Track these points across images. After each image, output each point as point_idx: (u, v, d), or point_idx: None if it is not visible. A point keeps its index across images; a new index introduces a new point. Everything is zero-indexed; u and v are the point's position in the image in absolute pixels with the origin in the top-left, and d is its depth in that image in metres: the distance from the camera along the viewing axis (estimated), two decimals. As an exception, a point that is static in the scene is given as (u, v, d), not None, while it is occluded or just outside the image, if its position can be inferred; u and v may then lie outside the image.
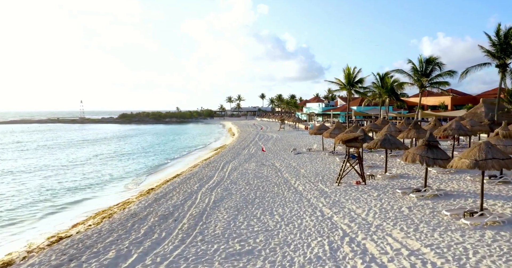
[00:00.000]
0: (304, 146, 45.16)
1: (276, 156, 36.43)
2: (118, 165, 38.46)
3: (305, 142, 50.14)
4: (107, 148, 55.68)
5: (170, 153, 48.87)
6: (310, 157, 34.51)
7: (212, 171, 27.91)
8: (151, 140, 70.86)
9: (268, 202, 18.37)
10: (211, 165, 31.12)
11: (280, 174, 26.09)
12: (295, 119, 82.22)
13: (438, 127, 33.66)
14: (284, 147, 44.14)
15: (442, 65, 30.24)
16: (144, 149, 54.24)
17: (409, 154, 18.76)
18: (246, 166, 30.28)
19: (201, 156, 43.58)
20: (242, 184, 22.86)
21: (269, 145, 47.64)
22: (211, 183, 23.35)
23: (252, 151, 40.99)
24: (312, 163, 31.07)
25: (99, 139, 73.15)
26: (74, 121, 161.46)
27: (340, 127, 37.61)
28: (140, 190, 24.55)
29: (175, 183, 23.85)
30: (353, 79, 44.60)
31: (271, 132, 71.25)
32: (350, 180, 22.94)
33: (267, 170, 27.81)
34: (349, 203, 17.63)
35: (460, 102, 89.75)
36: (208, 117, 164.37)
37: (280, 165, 30.18)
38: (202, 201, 18.64)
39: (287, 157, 35.17)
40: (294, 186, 22.10)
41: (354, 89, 45.24)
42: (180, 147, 57.67)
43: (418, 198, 18.18)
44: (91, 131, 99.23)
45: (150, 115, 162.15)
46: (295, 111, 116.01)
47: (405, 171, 25.64)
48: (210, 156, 38.98)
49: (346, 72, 44.20)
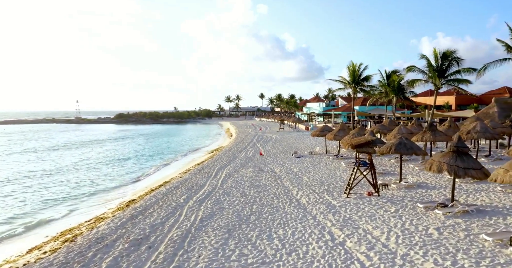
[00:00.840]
0: (305, 148, 42.19)
1: (276, 160, 33.46)
2: (104, 172, 35.22)
3: (306, 143, 47.16)
4: (96, 152, 52.26)
5: (163, 156, 45.81)
6: (312, 161, 31.55)
7: (203, 178, 24.90)
8: (145, 142, 67.21)
9: (266, 219, 15.39)
10: (204, 171, 28.12)
11: (280, 182, 23.11)
12: (295, 119, 79.20)
13: (454, 129, 30.74)
14: (284, 150, 41.17)
15: (460, 61, 27.20)
16: (137, 152, 51.10)
17: (433, 163, 15.80)
18: (242, 172, 27.29)
19: (195, 159, 40.58)
20: (236, 195, 19.88)
21: (268, 147, 44.67)
22: (201, 193, 20.34)
23: (249, 154, 38.00)
24: (315, 168, 28.10)
25: (90, 141, 69.53)
26: (69, 121, 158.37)
27: (344, 129, 34.68)
28: (122, 200, 21.53)
29: (159, 193, 20.83)
30: (359, 76, 41.56)
31: (270, 133, 68.27)
32: (361, 190, 19.98)
33: (265, 177, 24.84)
34: (363, 222, 14.66)
35: (464, 102, 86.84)
36: (207, 118, 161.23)
37: (280, 171, 27.22)
38: (187, 218, 15.64)
39: (287, 161, 32.20)
40: (297, 197, 19.13)
41: (359, 87, 42.21)
42: (174, 149, 54.60)
43: (446, 215, 15.21)
44: (85, 132, 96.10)
45: (147, 115, 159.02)
46: (295, 111, 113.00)
47: (421, 179, 22.66)
48: (204, 160, 35.98)
49: (350, 69, 41.12)
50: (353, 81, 41.91)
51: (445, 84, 28.75)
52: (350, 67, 41.55)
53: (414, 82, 30.72)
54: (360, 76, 42.10)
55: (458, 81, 28.50)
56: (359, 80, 41.97)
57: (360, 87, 42.51)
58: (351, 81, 42.07)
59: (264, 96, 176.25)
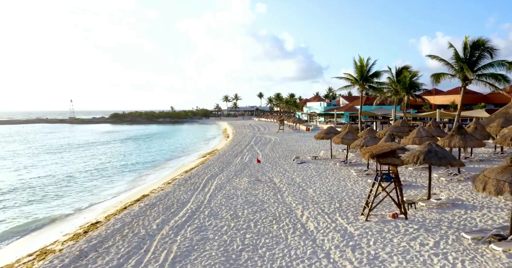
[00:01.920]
0: (307, 152, 38.13)
1: (275, 166, 29.40)
2: (74, 185, 29.05)
3: (308, 146, 43.10)
4: (77, 158, 45.59)
5: (149, 162, 41.31)
6: (317, 168, 27.50)
7: (188, 192, 20.80)
8: (134, 146, 59.55)
9: (262, 258, 11.34)
10: (191, 181, 24.03)
11: (281, 197, 19.05)
12: (295, 119, 75.07)
13: (481, 131, 26.72)
14: (284, 154, 37.09)
15: (493, 51, 23.03)
16: (124, 157, 46.33)
17: (488, 181, 11.73)
18: (236, 182, 23.21)
19: (185, 165, 36.48)
20: (226, 216, 15.81)
21: (266, 150, 40.60)
22: (182, 215, 16.25)
23: (245, 159, 33.92)
24: (321, 177, 24.05)
25: (76, 145, 63.22)
26: (62, 121, 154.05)
27: (353, 131, 30.63)
28: (85, 222, 17.38)
29: (129, 214, 16.70)
30: (367, 72, 37.46)
31: (269, 134, 64.19)
32: (381, 210, 15.97)
33: (263, 190, 20.77)
34: (396, 264, 10.62)
35: (470, 102, 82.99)
36: (204, 117, 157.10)
37: (280, 181, 23.16)
38: (155, 258, 11.55)
39: (288, 168, 28.15)
40: (302, 220, 15.07)
41: (368, 84, 38.10)
42: (165, 151, 50.36)
43: (508, 253, 11.16)
44: (73, 134, 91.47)
45: (143, 115, 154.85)
46: (295, 111, 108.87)
47: (453, 194, 18.60)
48: (194, 166, 31.86)
49: (358, 65, 37.03)
50: (360, 78, 37.75)
51: (475, 79, 24.56)
52: (357, 63, 37.42)
53: (440, 76, 26.55)
54: (369, 72, 37.96)
55: (493, 77, 24.16)
56: (368, 77, 37.83)
57: (369, 85, 38.38)
58: (359, 78, 37.90)
59: (263, 96, 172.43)
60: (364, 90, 38.16)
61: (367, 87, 38.21)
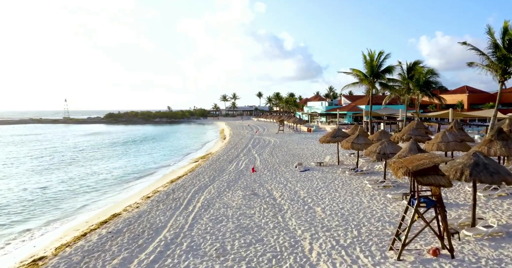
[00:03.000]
0: (310, 156, 34.23)
1: (274, 174, 25.49)
2: (37, 199, 23.90)
3: (311, 149, 39.22)
4: (49, 166, 38.06)
5: (137, 166, 37.33)
6: (323, 178, 23.60)
7: (168, 212, 16.86)
8: (122, 151, 52.18)
9: None
10: (174, 196, 20.09)
11: (282, 219, 15.15)
12: (296, 120, 71.06)
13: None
14: (284, 158, 33.18)
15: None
16: (106, 163, 41.83)
17: None
18: (228, 197, 19.29)
19: (174, 171, 32.58)
20: (209, 252, 11.88)
21: (265, 154, 36.69)
22: (151, 250, 12.28)
23: (241, 166, 30.01)
24: (329, 190, 20.16)
25: (61, 149, 56.24)
26: (56, 121, 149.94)
27: (364, 134, 26.74)
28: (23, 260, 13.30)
29: (81, 249, 12.62)
30: (378, 67, 33.49)
31: (268, 135, 60.28)
32: (414, 241, 12.09)
33: (260, 209, 16.86)
34: None
35: (477, 101, 79.28)
36: (201, 117, 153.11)
37: (281, 196, 19.25)
38: None
39: (290, 177, 24.25)
40: (311, 260, 11.18)
41: (379, 81, 34.11)
42: (155, 156, 46.12)
43: None
44: (61, 135, 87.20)
45: (139, 115, 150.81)
46: (295, 111, 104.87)
47: (503, 217, 14.67)
48: (183, 174, 27.91)
49: (368, 59, 33.04)
50: (370, 74, 33.74)
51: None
52: (367, 57, 33.38)
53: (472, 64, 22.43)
54: (380, 67, 33.93)
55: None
56: (379, 72, 33.79)
57: (380, 81, 34.35)
58: (369, 74, 33.87)
59: (262, 95, 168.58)
60: (373, 88, 34.11)
61: (378, 84, 34.06)
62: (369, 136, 31.08)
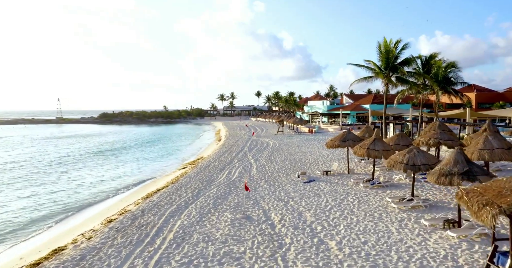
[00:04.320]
0: (314, 162, 29.74)
1: (273, 187, 20.98)
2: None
3: (314, 153, 34.72)
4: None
5: (115, 177, 32.16)
6: (333, 192, 19.09)
7: (125, 249, 12.28)
8: (102, 161, 41.67)
9: None
10: (140, 221, 15.51)
11: (283, 264, 10.63)
12: (296, 120, 66.42)
13: None
14: (285, 165, 28.67)
15: None
16: (80, 172, 37.35)
17: None
18: (212, 223, 14.75)
19: (156, 180, 28.08)
20: None
21: (262, 159, 32.16)
22: None
23: (234, 175, 25.50)
24: (343, 211, 15.68)
25: (37, 155, 48.72)
26: (48, 121, 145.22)
27: (381, 139, 22.19)
28: None
29: None
30: (394, 59, 28.83)
31: (267, 137, 55.74)
32: None
33: (252, 243, 12.34)
34: None
35: (485, 100, 74.88)
36: (198, 117, 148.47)
37: (282, 221, 14.74)
38: None
39: (292, 191, 19.75)
40: None
41: (396, 75, 29.40)
42: (140, 163, 40.20)
43: None
44: (40, 139, 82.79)
45: (133, 115, 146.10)
46: (295, 110, 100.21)
47: None
48: (162, 186, 23.31)
49: (383, 50, 28.33)
50: (386, 67, 29.03)
51: None
52: (382, 46, 28.66)
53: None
54: (397, 59, 29.20)
55: None
56: (397, 65, 29.06)
57: (397, 76, 29.61)
58: (383, 67, 29.16)
59: (261, 95, 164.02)
60: (390, 83, 29.35)
61: (394, 79, 29.30)
62: (385, 138, 26.55)
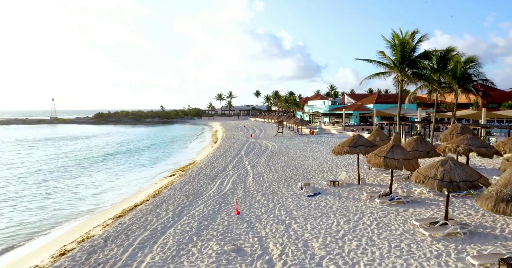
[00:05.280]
0: (319, 169, 26.36)
1: (271, 202, 17.57)
2: None
3: (317, 158, 31.33)
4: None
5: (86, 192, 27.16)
6: (345, 211, 15.67)
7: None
8: (81, 170, 35.31)
9: None
10: (102, 254, 12.06)
11: None
12: (297, 121, 62.93)
13: None
14: (285, 173, 25.26)
15: None
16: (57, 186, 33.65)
17: None
18: (190, 261, 11.31)
19: (138, 194, 24.64)
20: None
21: (260, 166, 28.75)
22: None
23: (226, 186, 22.09)
24: (360, 239, 12.30)
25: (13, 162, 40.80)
26: (41, 122, 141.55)
27: (400, 145, 18.73)
28: None
29: None
30: (411, 52, 25.24)
31: (266, 138, 52.32)
32: None
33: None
34: None
35: (493, 100, 71.72)
36: (196, 117, 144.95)
37: (281, 254, 11.35)
38: None
39: (294, 209, 16.36)
40: None
41: (413, 70, 25.71)
42: (127, 172, 35.38)
43: None
44: (35, 137, 79.30)
45: (129, 115, 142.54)
46: (295, 110, 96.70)
47: None
48: (141, 201, 19.79)
49: (397, 42, 24.68)
50: (401, 62, 25.42)
51: None
52: (395, 39, 24.97)
53: None
54: (413, 52, 25.56)
55: None
56: (414, 58, 25.42)
57: (414, 71, 25.96)
58: (398, 61, 25.53)
59: (260, 94, 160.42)
60: (407, 78, 25.56)
61: (410, 73, 25.57)
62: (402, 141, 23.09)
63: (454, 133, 23.56)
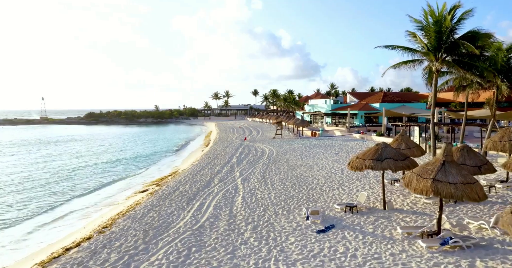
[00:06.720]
0: (326, 184, 20.71)
1: (265, 247, 11.92)
2: None
3: (324, 168, 25.70)
4: None
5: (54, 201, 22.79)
6: (375, 261, 10.01)
7: None
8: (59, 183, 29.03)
9: None
10: None
11: None
12: (297, 121, 57.07)
13: None
14: (284, 190, 19.61)
15: None
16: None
17: None
18: None
19: (87, 226, 18.98)
20: None
21: (253, 180, 23.09)
22: None
23: (206, 212, 16.46)
24: None
25: None
26: (29, 122, 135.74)
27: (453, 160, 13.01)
28: None
29: None
30: (449, 34, 19.09)
31: (263, 141, 46.64)
32: None
33: None
34: None
35: (506, 98, 66.23)
36: (191, 117, 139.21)
37: None
38: None
39: (299, 259, 10.75)
40: None
41: (453, 57, 19.77)
42: (91, 189, 29.80)
43: None
44: (13, 140, 73.40)
45: (122, 114, 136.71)
46: (295, 110, 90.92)
47: None
48: (86, 237, 14.15)
49: (431, 21, 18.63)
50: (437, 47, 19.20)
51: None
52: (429, 16, 18.88)
53: None
54: (453, 33, 19.33)
55: None
56: (457, 40, 19.20)
57: (455, 57, 19.95)
58: (432, 46, 19.36)
59: (258, 93, 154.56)
60: (444, 66, 19.44)
61: (451, 60, 19.44)
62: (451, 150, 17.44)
63: (506, 139, 17.97)
